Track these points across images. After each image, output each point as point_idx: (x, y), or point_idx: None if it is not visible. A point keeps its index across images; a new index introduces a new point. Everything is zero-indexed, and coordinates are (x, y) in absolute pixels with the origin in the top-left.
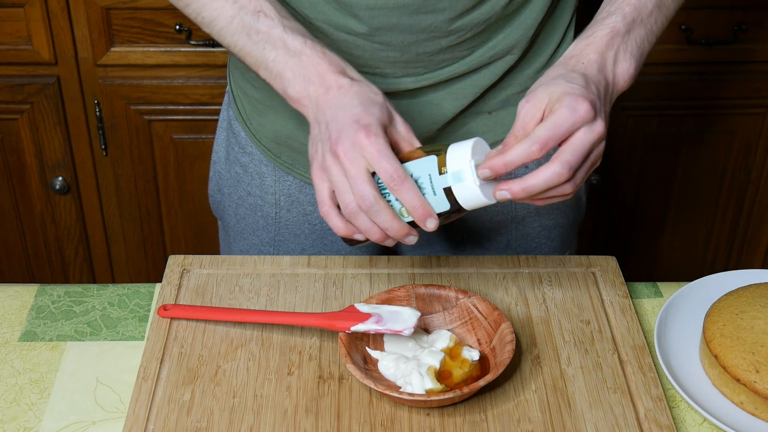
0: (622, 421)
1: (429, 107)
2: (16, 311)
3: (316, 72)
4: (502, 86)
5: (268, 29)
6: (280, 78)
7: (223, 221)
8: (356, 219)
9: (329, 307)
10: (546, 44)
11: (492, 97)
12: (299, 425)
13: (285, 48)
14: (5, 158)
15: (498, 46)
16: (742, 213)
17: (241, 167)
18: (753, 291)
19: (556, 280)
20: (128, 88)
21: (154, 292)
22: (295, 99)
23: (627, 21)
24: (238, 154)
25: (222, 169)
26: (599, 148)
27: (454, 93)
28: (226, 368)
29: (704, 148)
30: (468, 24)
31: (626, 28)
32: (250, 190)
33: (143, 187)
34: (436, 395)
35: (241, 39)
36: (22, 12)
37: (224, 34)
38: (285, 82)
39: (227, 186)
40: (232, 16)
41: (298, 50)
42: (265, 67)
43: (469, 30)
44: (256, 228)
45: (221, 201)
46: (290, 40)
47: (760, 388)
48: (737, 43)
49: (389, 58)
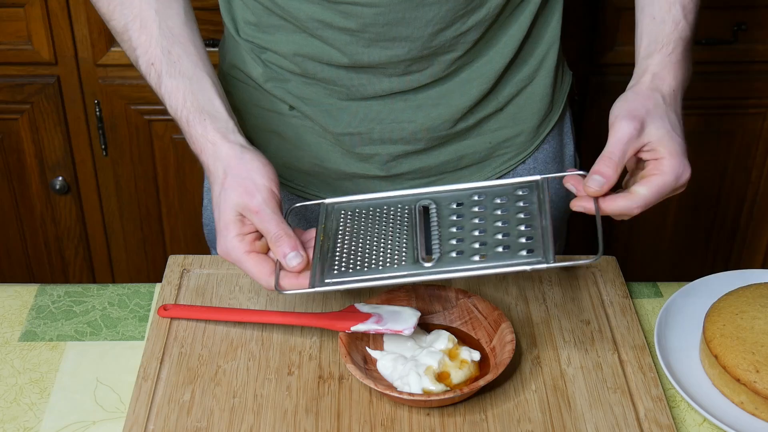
0: (622, 421)
1: (447, 98)
2: (16, 311)
3: (191, 141)
4: (513, 71)
5: (155, 87)
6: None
7: None
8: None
9: (329, 307)
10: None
11: (503, 86)
12: (299, 425)
13: (170, 109)
14: (5, 158)
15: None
16: (742, 213)
17: None
18: (753, 291)
19: (556, 280)
20: (128, 88)
21: (154, 292)
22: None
23: (692, 27)
24: None
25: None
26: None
27: (463, 85)
28: (226, 368)
29: (704, 148)
30: (472, 18)
31: (693, 34)
32: None
33: (143, 187)
34: (436, 395)
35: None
36: (22, 12)
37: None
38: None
39: None
40: (135, 61)
41: (176, 117)
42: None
43: (474, 22)
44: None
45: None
46: (172, 105)
47: (760, 388)
48: (737, 43)
49: (395, 57)
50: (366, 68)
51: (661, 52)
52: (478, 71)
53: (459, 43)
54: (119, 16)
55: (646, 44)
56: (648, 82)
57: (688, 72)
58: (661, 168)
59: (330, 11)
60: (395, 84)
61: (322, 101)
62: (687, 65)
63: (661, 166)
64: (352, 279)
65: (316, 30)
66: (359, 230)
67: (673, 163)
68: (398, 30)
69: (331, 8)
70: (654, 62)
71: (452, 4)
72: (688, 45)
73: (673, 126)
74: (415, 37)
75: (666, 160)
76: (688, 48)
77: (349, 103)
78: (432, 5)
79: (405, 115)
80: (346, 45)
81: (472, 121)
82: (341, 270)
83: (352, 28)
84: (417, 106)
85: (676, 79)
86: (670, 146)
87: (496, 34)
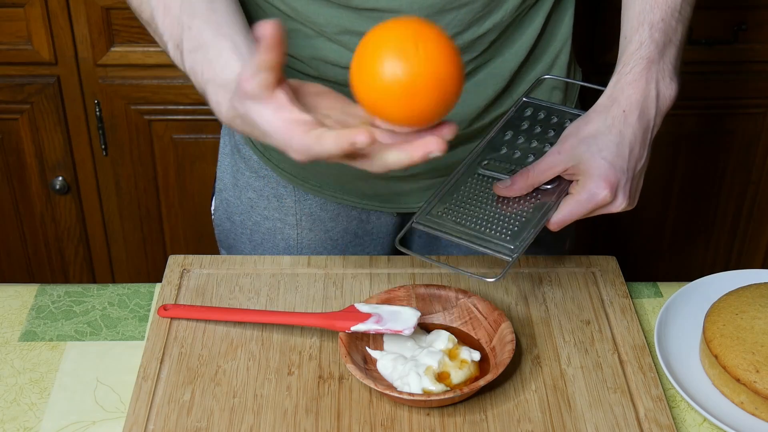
0: (622, 421)
1: (463, 98)
2: (16, 311)
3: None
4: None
5: (180, 65)
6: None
7: (235, 250)
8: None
9: (329, 307)
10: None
11: (517, 84)
12: (299, 425)
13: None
14: (5, 158)
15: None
16: (742, 213)
17: (255, 192)
18: (753, 291)
19: (556, 280)
20: (128, 88)
21: (154, 292)
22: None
23: (659, 47)
24: (249, 179)
25: (230, 196)
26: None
27: (479, 85)
28: (226, 368)
29: (704, 148)
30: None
31: (660, 55)
32: (267, 215)
33: (143, 187)
34: (436, 395)
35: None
36: (22, 12)
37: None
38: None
39: (238, 213)
40: (165, 46)
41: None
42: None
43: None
44: (276, 252)
45: (232, 230)
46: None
47: (760, 388)
48: (737, 43)
49: None
50: None
51: (620, 72)
52: (493, 71)
53: (476, 45)
54: (146, 6)
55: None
56: (602, 102)
57: (654, 90)
58: (575, 189)
59: (349, 16)
60: None
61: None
62: (649, 85)
63: (575, 188)
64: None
65: (334, 35)
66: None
67: (587, 186)
68: None
69: (350, 13)
70: (612, 82)
71: (470, 8)
72: (652, 65)
73: (605, 147)
74: None
75: (580, 182)
76: (649, 67)
77: None
78: (451, 10)
79: None
80: None
81: (487, 119)
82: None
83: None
84: None
85: (630, 99)
86: (589, 168)
87: (512, 35)
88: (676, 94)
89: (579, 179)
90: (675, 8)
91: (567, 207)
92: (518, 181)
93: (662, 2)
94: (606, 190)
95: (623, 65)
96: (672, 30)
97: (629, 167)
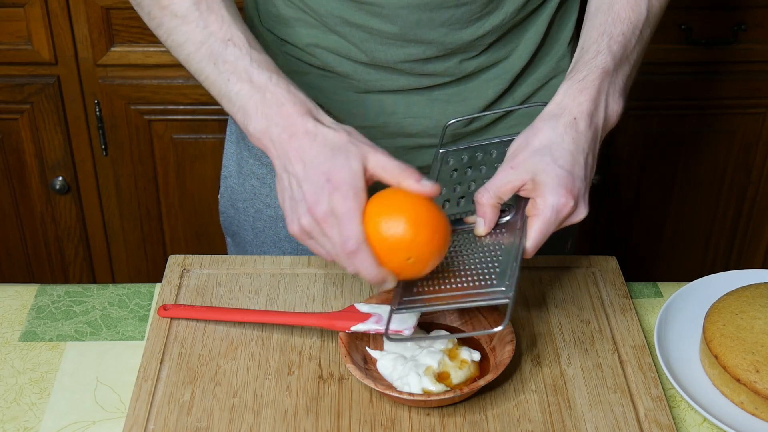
0: (622, 421)
1: (463, 98)
2: (16, 311)
3: (279, 113)
4: (530, 71)
5: (235, 60)
6: (242, 112)
7: (238, 237)
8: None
9: (329, 307)
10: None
11: (519, 87)
12: (299, 425)
13: (250, 82)
14: (5, 158)
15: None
16: (742, 213)
17: (258, 179)
18: (753, 291)
19: (556, 280)
20: (128, 88)
21: (154, 292)
22: (256, 137)
23: (616, 60)
24: (253, 166)
25: (235, 183)
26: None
27: (480, 85)
28: (226, 368)
29: (704, 148)
30: (491, 20)
31: (615, 67)
32: (269, 202)
33: (143, 187)
34: (436, 395)
35: (208, 67)
36: (22, 12)
37: (192, 60)
38: (246, 117)
39: (242, 200)
40: (201, 42)
41: (262, 86)
42: (228, 99)
43: (492, 26)
44: (278, 240)
45: (235, 216)
46: (256, 74)
47: (760, 388)
48: (737, 43)
49: (412, 56)
50: (383, 66)
51: (573, 78)
52: (495, 72)
53: (476, 45)
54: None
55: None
56: (550, 110)
57: (603, 102)
58: (536, 207)
59: (349, 8)
60: (412, 81)
61: (339, 94)
62: (600, 96)
63: (535, 206)
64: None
65: (335, 26)
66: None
67: (548, 199)
68: (414, 31)
69: (350, 5)
70: (562, 88)
71: (468, 8)
72: (606, 76)
73: (560, 156)
74: (431, 38)
75: (539, 198)
76: (603, 78)
77: (365, 95)
78: (449, 8)
79: (420, 110)
80: (364, 42)
81: (487, 120)
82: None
83: (371, 26)
84: (433, 101)
85: (581, 106)
86: (547, 180)
87: (514, 37)
88: (620, 113)
89: (537, 194)
90: (637, 26)
91: (535, 229)
92: (484, 209)
93: (624, 18)
94: (569, 199)
95: (576, 72)
96: (630, 48)
97: (586, 175)
